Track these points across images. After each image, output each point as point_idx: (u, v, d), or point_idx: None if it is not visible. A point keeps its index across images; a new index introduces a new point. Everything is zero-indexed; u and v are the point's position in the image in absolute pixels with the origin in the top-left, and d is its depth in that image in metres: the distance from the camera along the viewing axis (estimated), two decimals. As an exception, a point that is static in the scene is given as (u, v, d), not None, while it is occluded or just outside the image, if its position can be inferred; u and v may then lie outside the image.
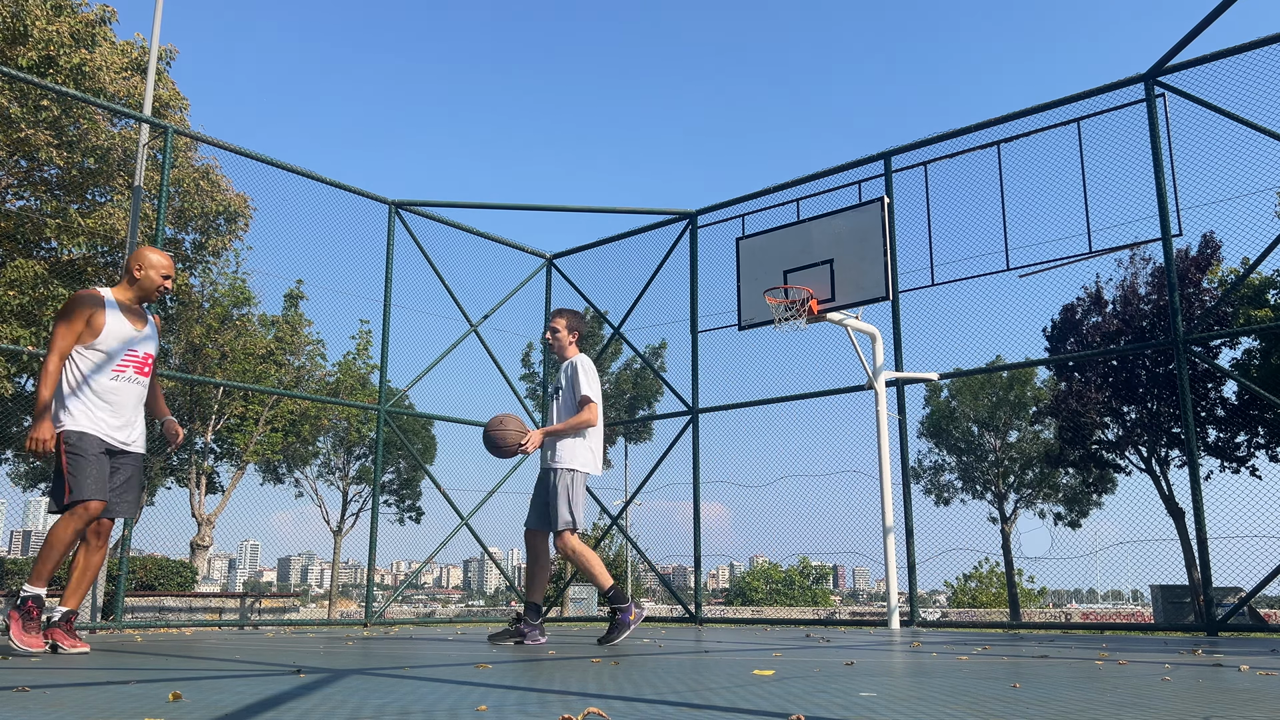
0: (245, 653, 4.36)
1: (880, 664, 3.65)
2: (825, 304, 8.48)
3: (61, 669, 3.28)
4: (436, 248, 10.77)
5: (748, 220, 9.92)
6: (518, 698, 2.35)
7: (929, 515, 32.32)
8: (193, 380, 18.12)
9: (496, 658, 4.05)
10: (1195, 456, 7.40)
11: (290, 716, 1.97)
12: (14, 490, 28.75)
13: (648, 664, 3.62)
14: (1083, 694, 2.43)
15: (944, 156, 8.69)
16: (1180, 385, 7.38)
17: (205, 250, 16.50)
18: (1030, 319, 26.30)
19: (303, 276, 21.79)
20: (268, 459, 22.85)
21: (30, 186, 14.26)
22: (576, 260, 11.81)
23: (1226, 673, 3.15)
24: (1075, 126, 7.95)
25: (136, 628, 8.18)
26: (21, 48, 13.15)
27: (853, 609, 63.14)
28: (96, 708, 2.11)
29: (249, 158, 9.17)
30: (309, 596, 72.36)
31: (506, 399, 11.47)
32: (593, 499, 11.54)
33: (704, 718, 1.97)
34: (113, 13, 14.70)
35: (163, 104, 14.97)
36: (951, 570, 52.16)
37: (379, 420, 9.93)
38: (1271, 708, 2.12)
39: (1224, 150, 7.30)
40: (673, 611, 24.53)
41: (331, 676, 2.99)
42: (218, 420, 20.93)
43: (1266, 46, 7.09)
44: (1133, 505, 36.77)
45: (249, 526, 68.81)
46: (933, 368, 8.64)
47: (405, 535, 34.65)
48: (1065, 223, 7.87)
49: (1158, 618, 18.38)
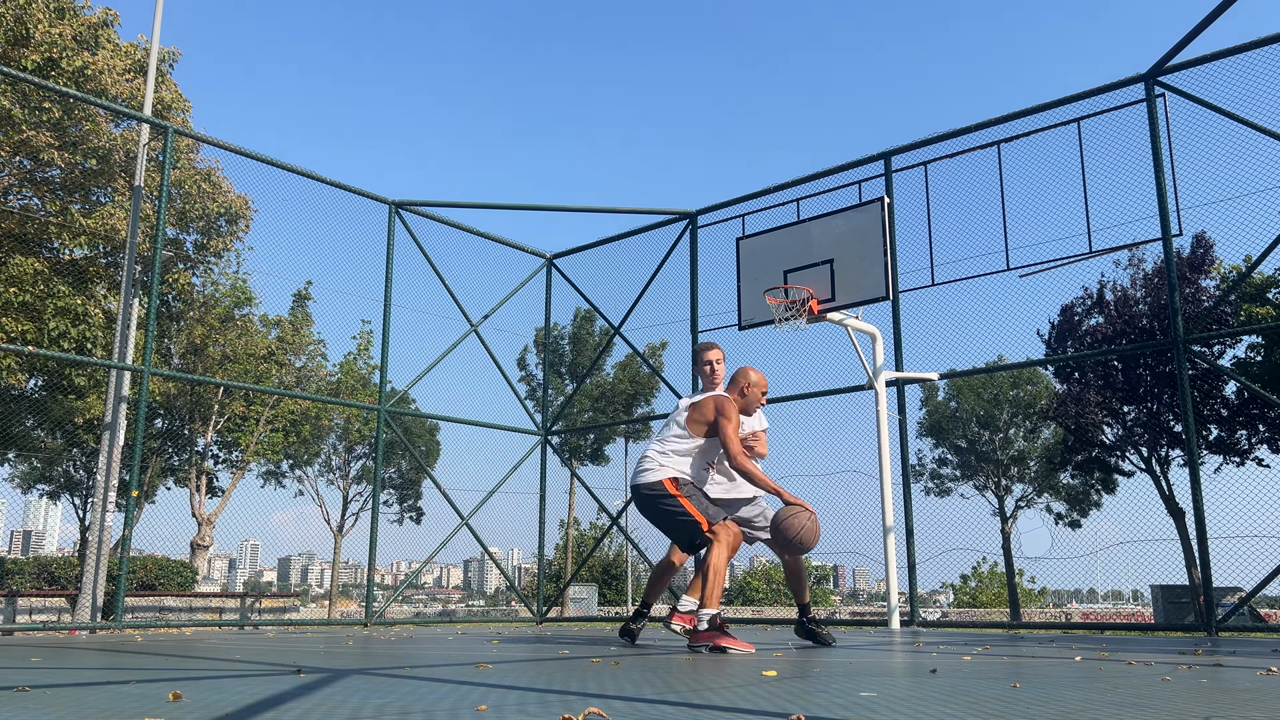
0: (245, 653, 4.36)
1: (880, 664, 3.65)
2: (825, 304, 8.47)
3: (62, 669, 3.29)
4: (436, 248, 10.79)
5: (748, 220, 9.92)
6: (518, 698, 2.35)
7: (929, 515, 32.33)
8: (193, 380, 18.13)
9: (497, 657, 4.05)
10: (1196, 456, 7.40)
11: (290, 716, 1.98)
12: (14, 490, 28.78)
13: (648, 664, 3.62)
14: (1083, 694, 2.43)
15: (944, 156, 8.69)
16: (1180, 385, 7.37)
17: (207, 251, 16.50)
18: (1030, 319, 26.30)
19: (303, 276, 21.87)
20: (268, 458, 22.86)
21: (32, 186, 14.26)
22: (576, 260, 11.82)
23: (1226, 673, 3.15)
24: (1075, 126, 7.96)
25: (137, 628, 8.18)
26: (24, 50, 13.15)
27: (853, 609, 63.17)
28: (96, 708, 2.11)
29: (249, 158, 9.18)
30: (309, 596, 72.34)
31: (507, 399, 11.50)
32: (593, 499, 11.55)
33: (704, 717, 1.97)
34: (115, 16, 14.71)
35: (165, 106, 14.97)
36: (952, 570, 52.16)
37: (379, 420, 9.94)
38: (1271, 708, 2.12)
39: (1224, 150, 7.30)
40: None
41: (332, 676, 2.99)
42: (218, 420, 20.93)
43: (1266, 46, 7.09)
44: (1133, 505, 36.78)
45: (249, 526, 68.93)
46: (933, 368, 8.64)
47: (405, 535, 34.68)
48: (1065, 223, 7.88)
49: (1158, 618, 18.38)
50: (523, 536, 11.95)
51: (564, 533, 32.55)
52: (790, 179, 9.74)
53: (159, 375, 11.67)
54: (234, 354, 20.25)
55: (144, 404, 8.13)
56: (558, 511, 30.39)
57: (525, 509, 11.48)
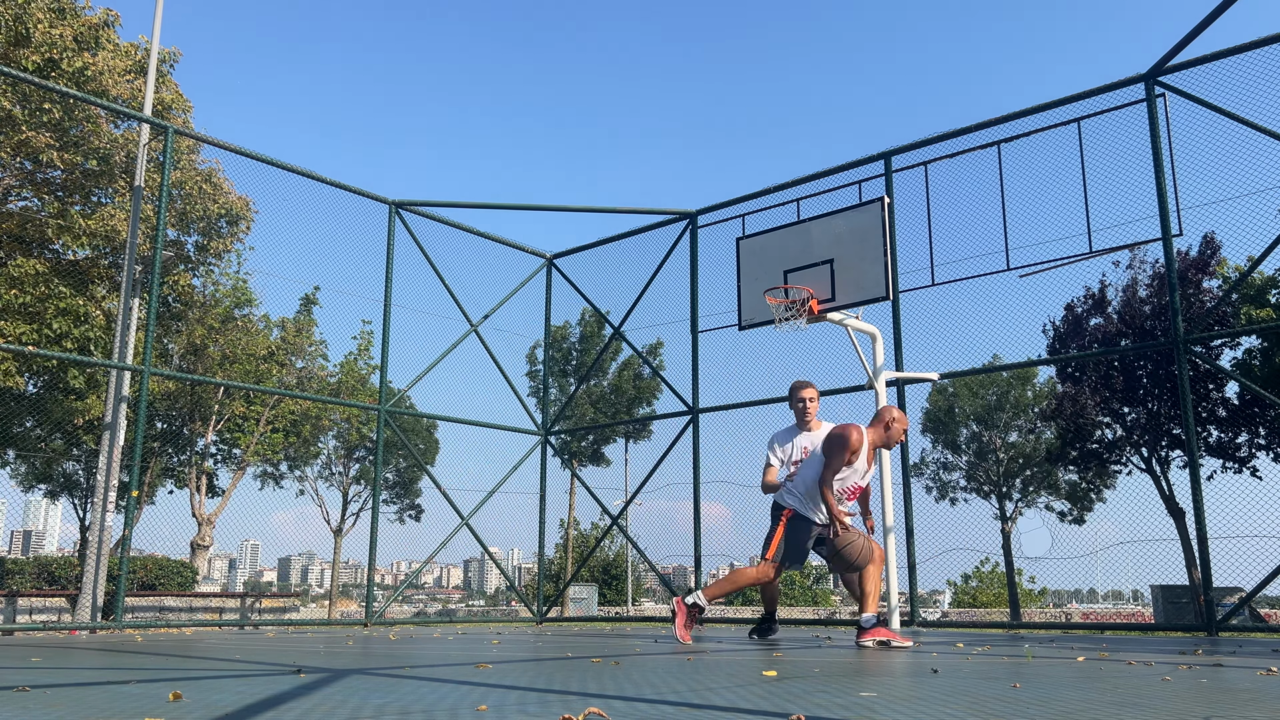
0: (245, 652, 4.36)
1: (880, 664, 3.65)
2: (825, 304, 8.47)
3: (62, 669, 3.29)
4: (437, 248, 10.78)
5: (748, 220, 9.92)
6: (518, 697, 2.35)
7: (929, 514, 32.31)
8: (194, 380, 18.13)
9: (497, 657, 4.05)
10: (1196, 457, 7.40)
11: (290, 716, 1.98)
12: (14, 490, 28.77)
13: (648, 664, 3.62)
14: (1083, 694, 2.43)
15: (944, 156, 8.69)
16: (1180, 386, 7.37)
17: (207, 252, 16.50)
18: (1030, 319, 26.28)
19: (303, 276, 21.86)
20: (268, 458, 22.85)
21: (33, 187, 14.26)
22: (577, 260, 11.82)
23: (1227, 673, 3.15)
24: (1075, 126, 7.95)
25: (137, 627, 8.18)
26: (25, 50, 13.15)
27: (853, 609, 63.18)
28: (96, 707, 2.11)
29: (250, 158, 9.18)
30: (309, 596, 72.35)
31: (507, 399, 11.49)
32: (593, 499, 11.56)
33: (704, 717, 1.97)
34: (116, 17, 14.72)
35: (165, 106, 14.96)
36: (953, 570, 52.13)
37: (379, 420, 9.93)
38: (1271, 708, 2.12)
39: (1224, 150, 7.30)
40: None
41: (332, 676, 2.99)
42: (218, 421, 20.92)
43: (1266, 46, 7.08)
44: (1133, 505, 36.73)
45: (249, 526, 68.93)
46: (933, 368, 8.64)
47: (405, 535, 34.68)
48: (1065, 223, 7.87)
49: (1158, 618, 18.38)
50: (523, 536, 11.96)
51: (564, 532, 32.55)
52: (790, 179, 9.75)
53: (159, 375, 11.67)
54: (234, 354, 20.25)
55: (144, 404, 8.14)
56: (558, 511, 30.41)
57: (525, 509, 11.49)
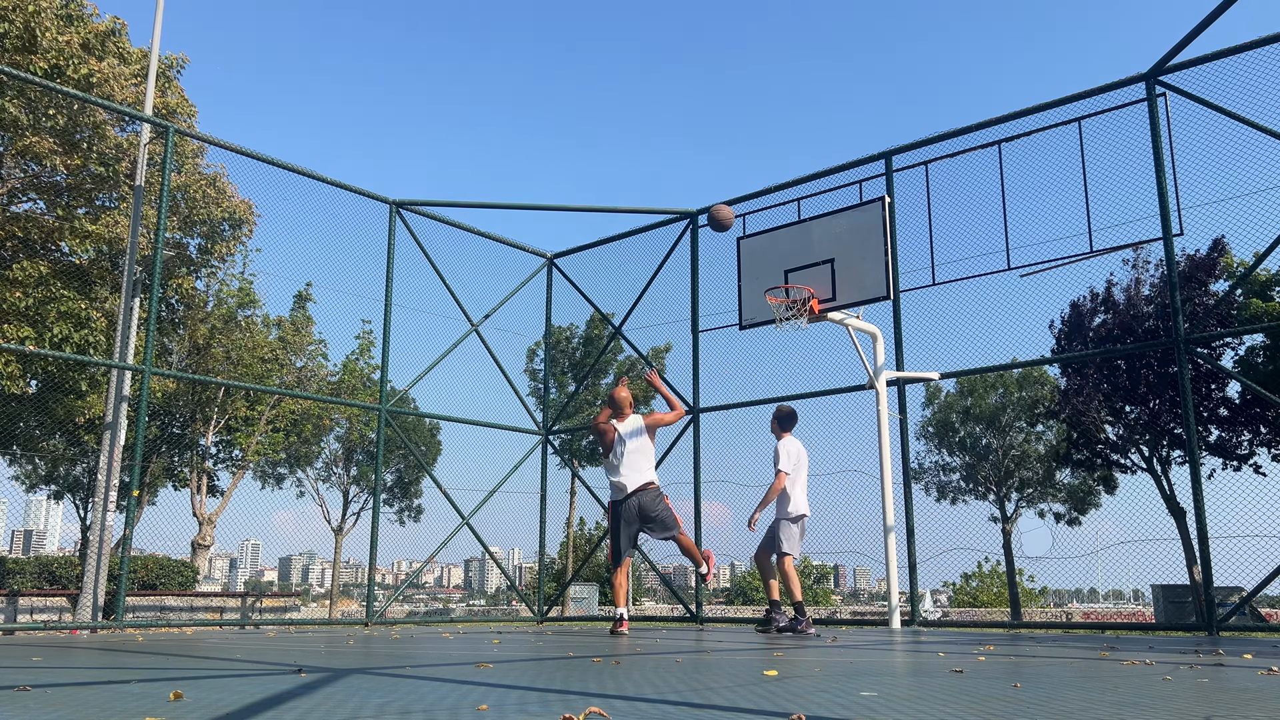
0: (246, 652, 4.36)
1: (881, 663, 3.65)
2: (826, 303, 8.47)
3: (62, 668, 3.29)
4: (437, 247, 10.78)
5: (749, 220, 9.92)
6: (518, 697, 2.35)
7: (930, 514, 32.30)
8: (195, 379, 18.13)
9: (498, 657, 4.06)
10: (1196, 456, 7.40)
11: (291, 716, 1.98)
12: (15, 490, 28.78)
13: (648, 664, 3.62)
14: (1083, 694, 2.43)
15: (945, 156, 8.68)
16: (1181, 385, 7.37)
17: (210, 255, 16.50)
18: (1031, 319, 26.24)
19: (304, 276, 21.82)
20: (268, 458, 22.85)
21: (37, 190, 14.27)
22: (577, 260, 11.81)
23: (1227, 673, 3.15)
24: (1076, 126, 7.95)
25: (137, 627, 8.19)
26: (32, 56, 13.16)
27: (854, 608, 63.08)
28: (97, 707, 2.11)
29: (251, 158, 9.18)
30: (310, 596, 72.28)
31: (508, 398, 11.48)
32: (593, 499, 11.55)
33: (705, 717, 1.97)
34: (123, 24, 14.79)
35: (169, 110, 14.98)
36: (953, 570, 52.11)
37: (380, 420, 9.94)
38: (1272, 708, 2.12)
39: (1225, 149, 7.29)
40: (674, 611, 24.52)
41: (332, 676, 2.99)
42: (219, 421, 20.92)
43: (1267, 46, 7.08)
44: (1134, 505, 36.68)
45: (250, 526, 68.84)
46: (933, 367, 8.64)
47: (406, 535, 34.66)
48: (1066, 222, 7.87)
49: (1159, 617, 18.35)
50: (523, 536, 11.95)
51: (565, 532, 32.53)
52: (791, 178, 9.75)
53: (160, 375, 11.65)
54: (237, 356, 20.24)
55: (145, 404, 8.14)
56: (559, 511, 30.40)
57: (526, 509, 11.49)
